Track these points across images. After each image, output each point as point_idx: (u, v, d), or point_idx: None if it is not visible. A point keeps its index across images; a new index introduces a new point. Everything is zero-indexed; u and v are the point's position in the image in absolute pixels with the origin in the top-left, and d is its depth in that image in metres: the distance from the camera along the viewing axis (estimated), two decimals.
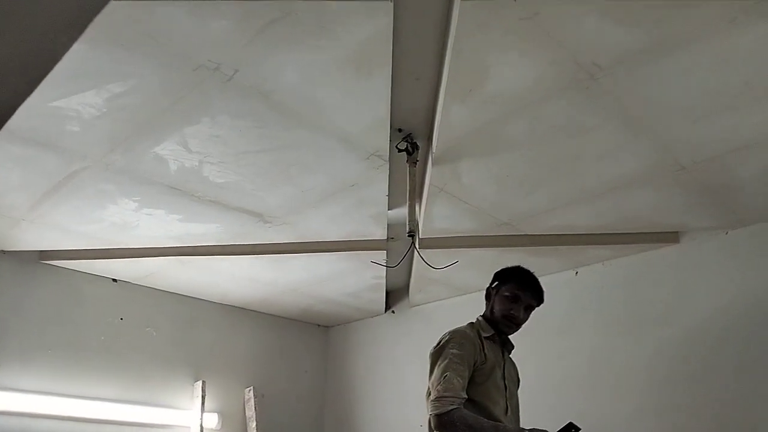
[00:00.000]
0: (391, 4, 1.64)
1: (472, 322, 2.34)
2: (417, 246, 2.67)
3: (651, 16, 1.61)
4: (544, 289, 2.36)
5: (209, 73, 1.89)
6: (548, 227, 2.93)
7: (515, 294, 2.29)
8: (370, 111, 2.08)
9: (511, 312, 2.28)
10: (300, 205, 2.73)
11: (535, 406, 3.20)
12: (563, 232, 2.98)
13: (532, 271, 2.38)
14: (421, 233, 2.97)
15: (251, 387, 4.08)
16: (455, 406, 2.00)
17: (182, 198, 2.65)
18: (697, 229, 2.94)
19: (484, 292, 2.40)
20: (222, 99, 2.00)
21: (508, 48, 1.75)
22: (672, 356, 2.89)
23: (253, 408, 4.00)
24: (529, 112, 2.03)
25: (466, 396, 2.06)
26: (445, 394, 2.02)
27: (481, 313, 2.37)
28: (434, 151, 2.31)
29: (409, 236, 2.39)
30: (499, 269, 2.41)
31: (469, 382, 2.12)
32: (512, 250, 3.10)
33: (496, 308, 2.30)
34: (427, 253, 3.10)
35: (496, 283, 2.36)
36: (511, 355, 2.41)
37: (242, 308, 4.21)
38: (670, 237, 3.03)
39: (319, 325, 4.68)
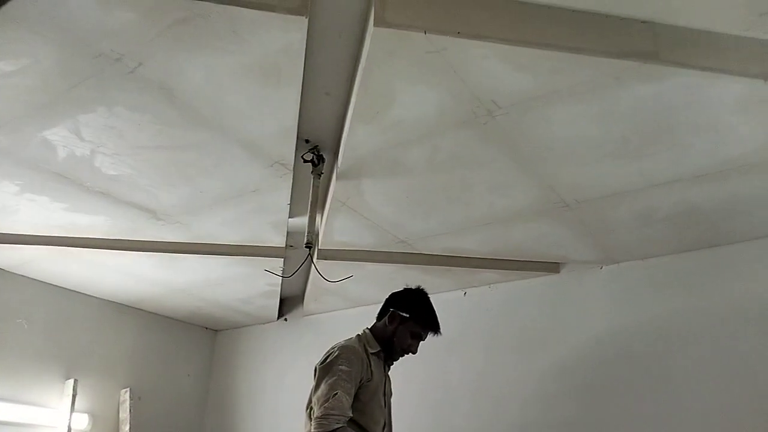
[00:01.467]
0: (306, 20, 1.66)
1: (359, 335, 2.34)
2: (313, 258, 2.68)
3: (546, 66, 1.74)
4: (437, 306, 2.41)
5: (110, 63, 1.82)
6: (442, 248, 3.05)
7: (421, 334, 2.34)
8: (276, 120, 2.09)
9: (411, 348, 2.34)
10: (196, 205, 2.67)
11: (419, 420, 3.33)
12: (455, 254, 3.11)
13: (426, 289, 2.43)
14: (321, 244, 3.00)
15: (128, 388, 3.90)
16: (341, 425, 2.00)
17: (69, 186, 2.52)
18: (576, 262, 3.16)
19: (388, 311, 2.34)
20: (121, 90, 1.94)
21: (415, 78, 1.83)
22: (548, 377, 3.08)
23: (128, 410, 3.83)
24: (429, 141, 2.12)
25: (351, 414, 2.06)
26: (332, 412, 2.01)
27: (370, 326, 2.38)
28: (339, 166, 2.35)
29: (306, 247, 2.40)
30: (410, 291, 2.40)
31: (353, 399, 2.11)
32: (408, 268, 3.20)
33: (397, 339, 2.31)
34: (325, 264, 3.12)
35: (406, 315, 2.31)
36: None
37: (126, 306, 4.03)
38: (552, 267, 3.25)
39: (207, 328, 4.56)
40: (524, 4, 1.65)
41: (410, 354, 2.37)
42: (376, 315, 2.43)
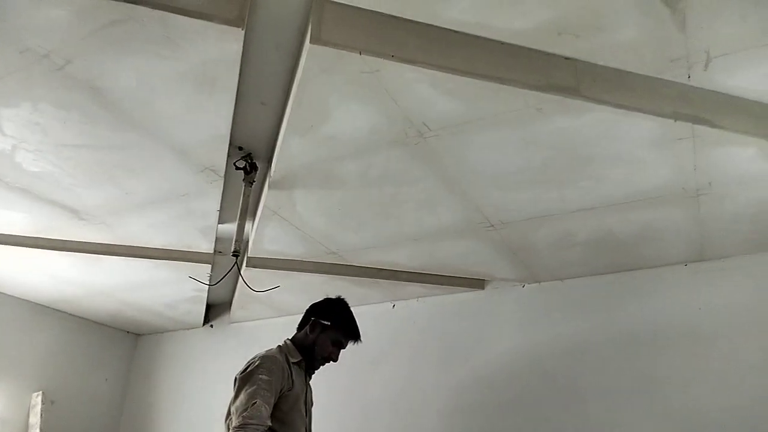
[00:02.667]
0: (242, 32, 1.67)
1: (280, 345, 2.35)
2: (239, 267, 2.66)
3: (473, 93, 1.81)
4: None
5: (37, 59, 1.77)
6: (372, 261, 3.09)
7: (342, 342, 2.36)
8: (208, 127, 2.07)
9: (332, 356, 2.36)
10: (121, 207, 2.61)
11: (342, 430, 3.35)
12: (385, 267, 3.16)
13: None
14: (251, 252, 2.98)
15: (40, 392, 3.73)
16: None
17: None
18: (500, 280, 3.28)
19: (309, 320, 2.35)
20: (48, 87, 1.88)
21: (349, 96, 1.86)
22: (466, 390, 3.17)
23: (39, 415, 3.66)
24: (362, 157, 2.16)
25: (270, 424, 2.06)
26: (251, 421, 1.99)
27: (290, 336, 2.40)
28: (272, 175, 2.35)
29: (233, 256, 2.38)
30: (330, 300, 2.42)
31: (273, 408, 2.11)
32: (337, 279, 3.22)
33: (318, 347, 2.33)
34: (254, 272, 3.11)
35: (327, 323, 2.33)
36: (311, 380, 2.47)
37: (42, 305, 3.86)
38: (477, 283, 3.35)
39: (128, 332, 4.42)
40: (456, 33, 1.72)
41: (331, 362, 2.39)
42: None
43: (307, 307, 2.42)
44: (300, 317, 2.44)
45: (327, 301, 2.42)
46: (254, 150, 2.41)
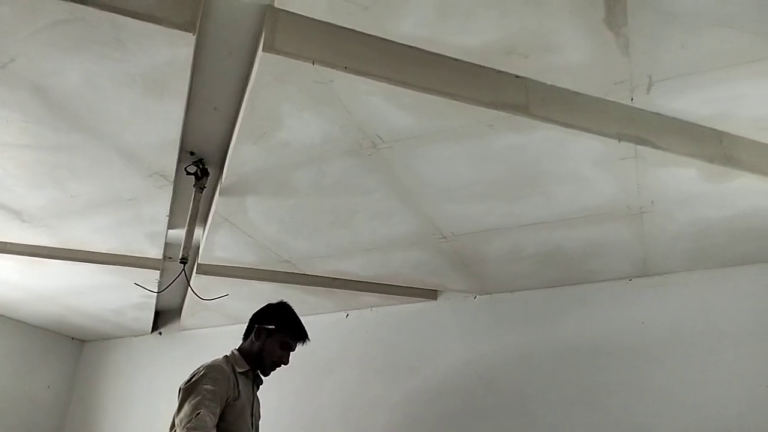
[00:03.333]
0: (194, 37, 1.65)
1: (227, 355, 2.33)
2: (187, 274, 2.61)
3: (426, 108, 1.83)
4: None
5: None
6: (325, 270, 3.08)
7: (290, 344, 2.36)
8: (158, 131, 2.03)
9: (282, 360, 2.35)
10: (66, 209, 2.53)
11: None
12: (338, 277, 3.15)
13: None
14: (201, 259, 2.93)
15: None
16: None
17: None
18: (452, 291, 3.31)
19: (254, 328, 2.36)
20: None
21: (302, 104, 1.86)
22: (416, 400, 3.18)
23: None
24: (315, 166, 2.15)
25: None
26: (196, 430, 1.96)
27: (238, 347, 2.37)
28: (223, 181, 2.32)
29: (181, 263, 2.33)
30: (271, 305, 2.44)
31: (219, 419, 2.08)
32: (290, 287, 3.19)
33: (267, 352, 2.33)
34: (205, 280, 3.05)
35: (272, 326, 2.33)
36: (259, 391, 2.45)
37: None
38: (430, 294, 3.37)
39: (73, 338, 4.28)
40: (410, 48, 1.74)
41: (283, 365, 2.38)
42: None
43: (250, 316, 2.40)
44: None
45: (269, 307, 2.42)
46: (206, 155, 2.37)
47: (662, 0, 1.47)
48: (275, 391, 2.62)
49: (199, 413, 2.00)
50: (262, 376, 2.40)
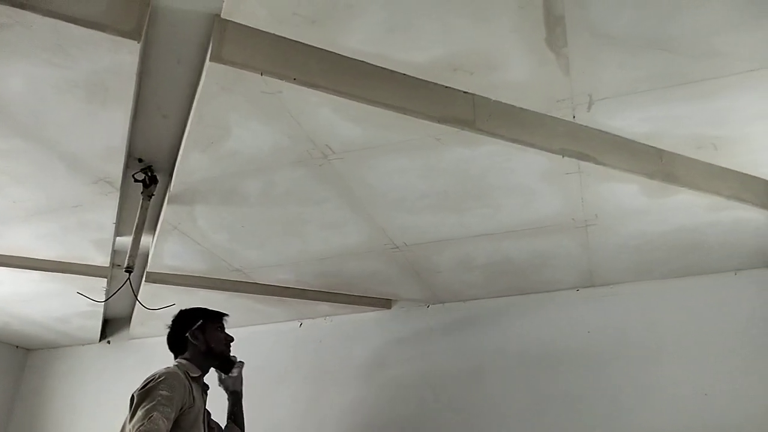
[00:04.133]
0: (138, 44, 1.62)
1: (176, 364, 2.33)
2: (132, 283, 2.57)
3: (375, 120, 1.85)
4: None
5: None
6: (278, 279, 3.06)
7: (222, 325, 2.50)
8: (103, 138, 1.99)
9: (228, 339, 2.48)
10: (8, 216, 2.45)
11: None
12: (291, 286, 3.13)
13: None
14: (150, 267, 2.88)
15: None
16: None
17: None
18: (406, 300, 3.33)
19: (185, 338, 2.42)
20: None
21: (250, 114, 1.85)
22: (369, 409, 3.18)
23: None
24: (264, 175, 2.14)
25: None
26: None
27: (178, 360, 2.37)
28: (171, 189, 2.29)
29: (126, 272, 2.29)
30: (182, 312, 2.52)
31: (173, 426, 2.07)
32: (242, 296, 3.16)
33: (214, 343, 2.42)
34: (154, 288, 3.00)
35: (199, 322, 2.42)
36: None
37: None
38: (384, 303, 3.39)
39: (17, 347, 4.13)
40: (359, 62, 1.75)
41: (231, 339, 2.51)
42: None
43: (168, 335, 2.48)
44: None
45: (181, 313, 2.50)
46: (155, 162, 2.33)
47: (599, 23, 1.52)
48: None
49: (152, 416, 2.00)
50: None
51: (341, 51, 1.70)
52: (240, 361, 2.59)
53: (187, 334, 2.39)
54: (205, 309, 2.51)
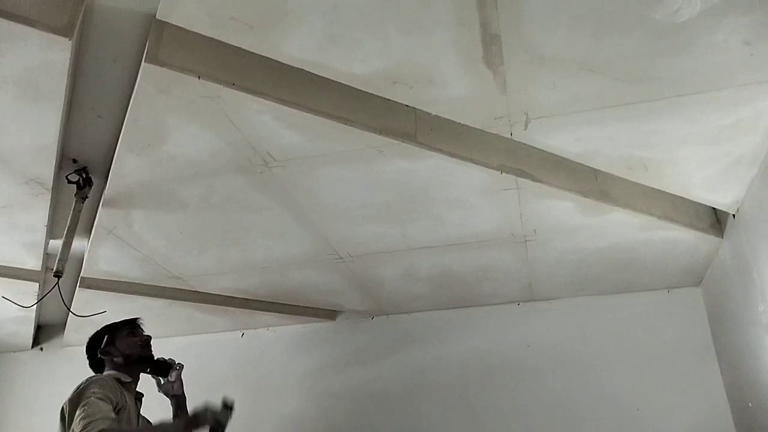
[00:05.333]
0: (70, 41, 1.57)
1: (104, 374, 2.28)
2: (61, 289, 2.47)
3: (317, 130, 1.84)
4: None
5: None
6: (219, 288, 3.00)
7: (132, 330, 2.43)
8: (33, 137, 1.92)
9: (142, 337, 2.42)
10: None
11: None
12: (233, 295, 3.08)
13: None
14: (84, 272, 2.78)
15: None
16: (107, 424, 1.93)
17: None
18: (350, 311, 3.32)
19: (100, 358, 2.37)
20: None
21: (188, 118, 1.82)
22: (309, 420, 3.17)
23: None
24: (203, 180, 2.11)
25: (114, 416, 2.00)
26: (94, 417, 1.94)
27: (104, 373, 2.32)
28: (106, 192, 2.22)
29: (55, 276, 2.21)
30: (91, 337, 2.46)
31: None
32: (181, 304, 3.09)
33: (128, 348, 2.36)
34: (89, 294, 2.90)
35: (106, 337, 2.37)
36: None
37: None
38: (328, 314, 3.37)
39: None
40: (302, 72, 1.74)
41: (148, 338, 2.45)
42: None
43: (89, 364, 2.43)
44: None
45: (89, 340, 2.44)
46: (90, 164, 2.26)
47: (534, 42, 1.55)
48: (165, 412, 2.53)
49: (87, 403, 1.98)
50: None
51: (282, 58, 1.69)
52: (178, 363, 2.53)
53: (99, 354, 2.35)
54: (109, 324, 2.46)
